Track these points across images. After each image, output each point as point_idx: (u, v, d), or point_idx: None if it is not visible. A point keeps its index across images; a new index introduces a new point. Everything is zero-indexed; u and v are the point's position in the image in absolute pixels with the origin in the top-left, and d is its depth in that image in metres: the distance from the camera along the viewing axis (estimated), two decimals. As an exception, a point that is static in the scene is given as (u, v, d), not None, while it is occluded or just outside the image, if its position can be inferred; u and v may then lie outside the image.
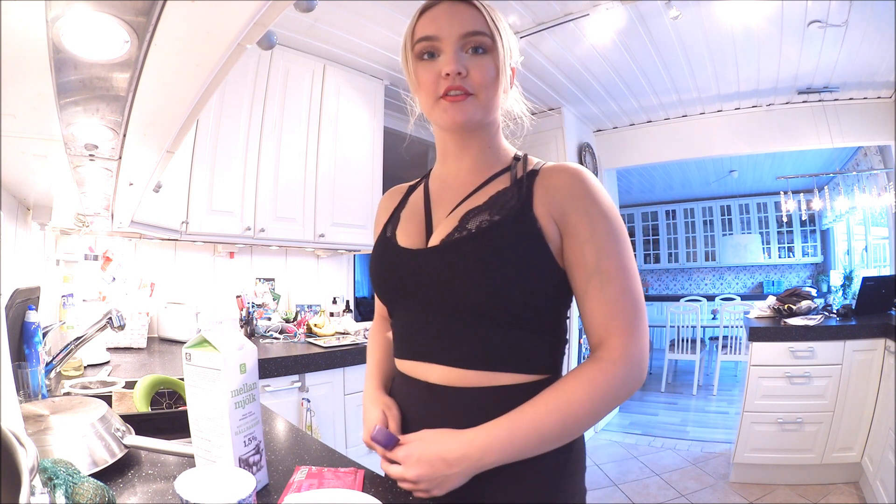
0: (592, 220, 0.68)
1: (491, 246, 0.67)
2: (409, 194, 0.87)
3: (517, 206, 0.70)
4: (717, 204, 7.51)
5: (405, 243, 0.76)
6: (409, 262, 0.74)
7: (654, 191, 7.44)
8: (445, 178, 0.81)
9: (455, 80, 0.69)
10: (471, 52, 0.71)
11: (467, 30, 0.70)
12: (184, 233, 2.12)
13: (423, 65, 0.72)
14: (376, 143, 2.90)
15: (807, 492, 2.52)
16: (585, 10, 2.34)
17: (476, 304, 0.68)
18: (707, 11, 2.42)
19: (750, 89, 3.38)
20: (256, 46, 0.54)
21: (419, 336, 0.74)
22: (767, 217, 7.18)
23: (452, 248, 0.70)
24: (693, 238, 7.74)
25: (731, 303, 5.51)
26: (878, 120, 3.35)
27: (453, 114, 0.71)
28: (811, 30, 2.54)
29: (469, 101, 0.71)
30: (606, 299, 0.67)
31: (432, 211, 0.79)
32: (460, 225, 0.71)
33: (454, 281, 0.69)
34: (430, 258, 0.71)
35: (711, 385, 4.95)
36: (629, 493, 2.70)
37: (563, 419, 0.64)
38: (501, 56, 0.72)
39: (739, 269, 7.59)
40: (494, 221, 0.69)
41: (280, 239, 2.49)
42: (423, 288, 0.72)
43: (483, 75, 0.70)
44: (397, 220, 0.82)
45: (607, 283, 0.67)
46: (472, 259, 0.68)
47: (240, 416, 0.67)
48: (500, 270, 0.67)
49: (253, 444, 0.69)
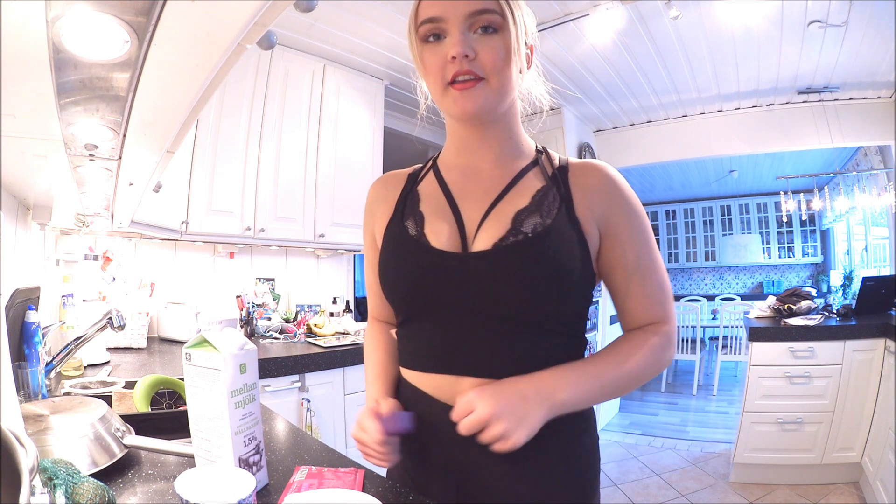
0: (630, 219, 0.70)
1: (551, 252, 0.64)
2: (414, 184, 0.78)
3: (562, 208, 0.67)
4: (717, 204, 7.51)
5: (439, 244, 0.68)
6: (451, 267, 0.66)
7: (654, 191, 7.44)
8: (465, 171, 0.74)
9: (463, 63, 0.63)
10: (480, 31, 0.64)
11: (474, 8, 0.63)
12: (184, 233, 2.12)
13: (429, 48, 0.66)
14: (376, 143, 2.90)
15: (807, 492, 2.52)
16: (585, 10, 2.34)
17: (529, 312, 0.65)
18: (707, 11, 2.42)
19: (750, 89, 3.38)
20: (256, 46, 0.54)
21: (451, 346, 0.68)
22: (767, 217, 7.18)
23: (510, 253, 0.64)
24: (693, 238, 7.74)
25: (731, 303, 5.51)
26: (878, 120, 3.35)
27: (463, 103, 0.65)
28: (811, 30, 2.54)
29: (480, 86, 0.65)
30: (646, 293, 0.71)
31: (460, 208, 0.71)
32: (514, 227, 0.65)
33: (511, 288, 0.64)
34: (482, 263, 0.65)
35: (711, 385, 4.95)
36: (629, 493, 2.70)
37: (620, 373, 0.68)
38: (514, 34, 0.65)
39: (739, 269, 7.59)
40: (548, 225, 0.65)
41: (280, 239, 2.49)
42: (469, 295, 0.65)
43: (494, 56, 0.64)
44: (419, 215, 0.72)
45: (647, 278, 0.71)
46: (532, 265, 0.63)
47: (240, 416, 0.67)
48: (558, 278, 0.64)
49: (253, 444, 0.69)
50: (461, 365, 0.67)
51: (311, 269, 2.95)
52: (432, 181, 0.76)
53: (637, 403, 4.60)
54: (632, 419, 4.13)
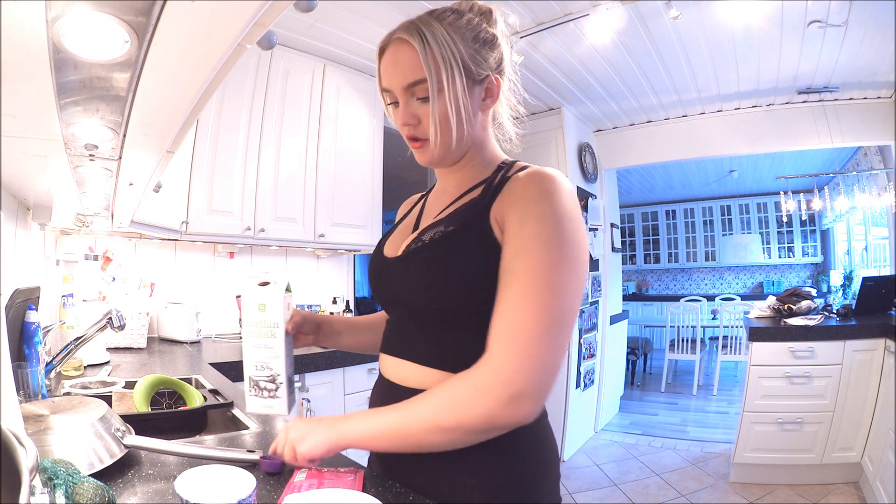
0: (523, 220, 0.64)
1: (440, 253, 0.70)
2: (416, 204, 0.91)
3: (473, 214, 0.70)
4: (717, 204, 7.51)
5: (387, 252, 0.81)
6: (382, 269, 0.80)
7: (654, 191, 7.44)
8: (437, 193, 0.84)
9: (410, 130, 0.73)
10: (418, 100, 0.71)
11: (408, 80, 0.69)
12: (184, 233, 2.12)
13: (391, 110, 0.76)
14: (376, 143, 2.90)
15: (807, 492, 2.52)
16: (585, 10, 2.34)
17: (428, 309, 0.70)
18: (707, 11, 2.42)
19: (750, 89, 3.38)
20: (256, 46, 0.54)
21: (392, 336, 0.80)
22: (767, 217, 7.19)
23: (408, 257, 0.74)
24: (693, 238, 7.74)
25: (731, 303, 5.51)
26: (878, 120, 3.35)
27: (419, 157, 0.76)
28: (811, 30, 2.54)
29: (426, 146, 0.73)
30: (502, 301, 0.61)
31: (420, 225, 0.82)
32: (417, 237, 0.75)
33: (408, 287, 0.73)
34: (393, 267, 0.77)
35: (711, 385, 4.95)
36: (629, 493, 2.70)
37: (403, 420, 0.64)
38: (453, 94, 0.68)
39: (739, 269, 7.59)
40: (447, 232, 0.71)
41: (280, 239, 2.49)
42: (393, 294, 0.77)
43: (431, 122, 0.70)
44: (395, 229, 0.87)
45: (513, 282, 0.61)
46: (421, 266, 0.71)
47: (254, 344, 0.77)
48: (445, 276, 0.68)
49: (266, 373, 0.76)
50: (400, 349, 0.77)
51: (311, 269, 2.95)
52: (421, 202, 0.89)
53: (637, 403, 4.60)
54: (632, 419, 4.13)
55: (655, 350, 6.34)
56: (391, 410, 0.66)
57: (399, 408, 0.65)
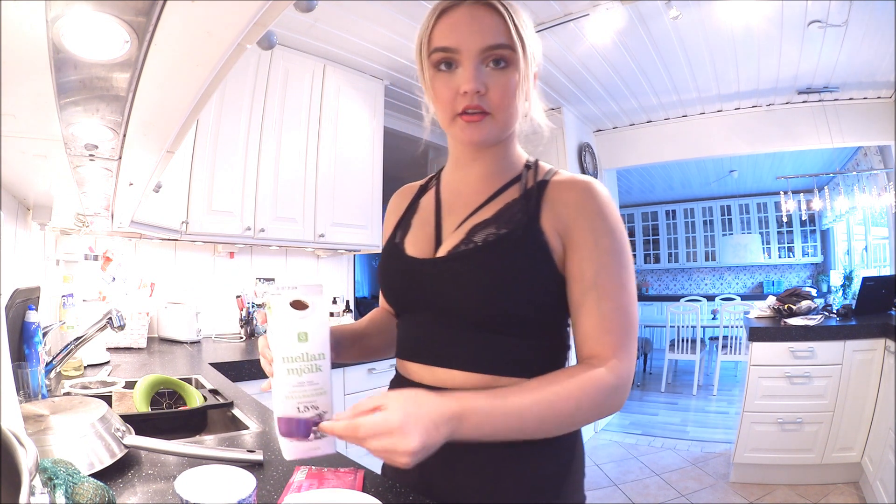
0: (596, 235, 0.67)
1: (495, 258, 0.67)
2: (420, 196, 0.85)
3: (524, 218, 0.69)
4: (717, 204, 7.52)
5: (413, 252, 0.76)
6: (416, 272, 0.73)
7: (654, 191, 7.44)
8: (457, 186, 0.79)
9: (473, 98, 0.66)
10: (492, 65, 0.66)
11: (489, 42, 0.65)
12: (184, 233, 2.12)
13: (441, 77, 0.68)
14: (376, 143, 2.90)
15: (807, 492, 2.52)
16: (585, 10, 2.34)
17: (479, 314, 0.68)
18: (707, 11, 2.42)
19: (750, 89, 3.38)
20: (256, 46, 0.54)
21: (425, 341, 0.74)
22: (767, 217, 7.19)
23: (458, 259, 0.69)
24: (693, 238, 7.75)
25: (731, 303, 5.51)
26: (878, 120, 3.35)
27: (470, 133, 0.68)
28: (811, 30, 2.54)
29: (486, 121, 0.68)
30: (601, 315, 0.65)
31: (443, 220, 0.77)
32: (467, 238, 0.70)
33: (459, 291, 0.69)
34: (436, 268, 0.71)
35: (711, 385, 4.95)
36: (629, 493, 2.70)
37: (542, 412, 0.60)
38: (524, 68, 0.68)
39: (739, 269, 7.59)
40: (501, 234, 0.68)
41: (280, 239, 2.49)
42: (430, 297, 0.72)
43: (503, 93, 0.67)
44: (408, 225, 0.81)
45: (604, 299, 0.66)
46: (476, 271, 0.68)
47: (295, 382, 0.61)
48: (503, 282, 0.67)
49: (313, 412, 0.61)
50: (432, 356, 0.72)
51: (311, 270, 2.95)
52: (431, 196, 0.83)
53: (637, 403, 4.60)
54: (632, 419, 4.13)
55: (655, 350, 6.34)
56: (513, 403, 0.59)
57: (528, 401, 0.60)
